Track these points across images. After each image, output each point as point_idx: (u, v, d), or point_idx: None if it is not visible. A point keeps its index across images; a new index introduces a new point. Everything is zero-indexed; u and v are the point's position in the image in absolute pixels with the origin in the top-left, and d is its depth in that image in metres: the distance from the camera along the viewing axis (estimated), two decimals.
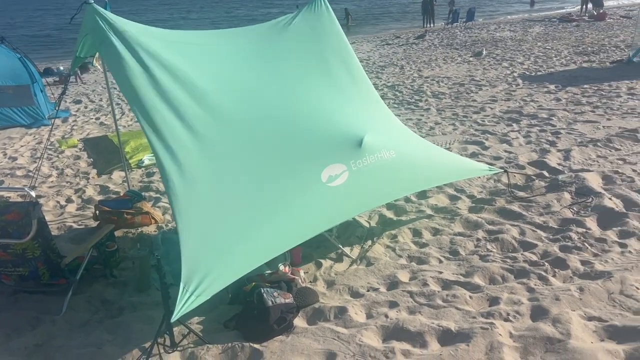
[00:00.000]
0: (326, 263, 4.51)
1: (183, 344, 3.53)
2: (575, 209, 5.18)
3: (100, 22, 4.12)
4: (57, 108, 5.99)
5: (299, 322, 3.72)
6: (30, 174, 7.58)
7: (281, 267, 4.03)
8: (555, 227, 4.85)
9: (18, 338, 3.77)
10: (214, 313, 3.90)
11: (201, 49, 4.60)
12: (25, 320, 3.99)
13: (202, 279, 3.35)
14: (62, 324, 3.94)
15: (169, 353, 3.41)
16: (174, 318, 3.13)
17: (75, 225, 5.67)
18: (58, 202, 6.43)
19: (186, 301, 3.23)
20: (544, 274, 4.05)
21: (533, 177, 6.04)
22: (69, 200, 6.47)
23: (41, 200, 6.44)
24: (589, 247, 4.41)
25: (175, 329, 3.64)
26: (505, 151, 7.17)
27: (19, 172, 7.61)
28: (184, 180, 3.71)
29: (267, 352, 3.38)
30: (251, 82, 4.50)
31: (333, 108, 4.59)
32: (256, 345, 3.44)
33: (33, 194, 3.79)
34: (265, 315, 3.53)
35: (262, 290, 3.66)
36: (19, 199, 6.26)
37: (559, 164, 6.46)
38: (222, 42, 4.79)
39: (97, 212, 5.41)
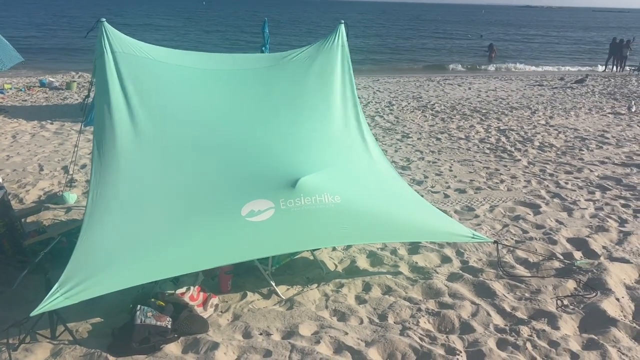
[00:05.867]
0: (252, 297, 4.44)
1: (62, 337, 3.80)
2: (564, 302, 4.37)
3: (104, 39, 4.62)
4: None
5: (174, 347, 3.75)
6: None
7: (180, 290, 4.08)
8: (520, 316, 4.16)
9: None
10: (115, 318, 4.10)
11: (190, 71, 4.88)
12: None
13: (78, 283, 3.57)
14: (6, 296, 4.48)
15: (26, 343, 3.68)
16: (33, 313, 3.40)
17: None
18: None
19: (52, 300, 3.48)
20: None
21: (562, 256, 5.21)
22: None
23: None
24: (529, 349, 3.70)
25: (72, 324, 3.93)
26: (556, 221, 6.26)
27: None
28: (105, 187, 4.00)
29: None
30: (217, 109, 4.65)
31: (283, 145, 4.52)
32: (111, 357, 3.56)
33: (0, 179, 4.39)
34: (129, 331, 3.64)
35: (138, 307, 3.77)
36: None
37: (603, 247, 5.48)
38: (214, 65, 5.01)
39: None
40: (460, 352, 3.68)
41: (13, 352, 3.61)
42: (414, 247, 5.44)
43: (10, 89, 15.36)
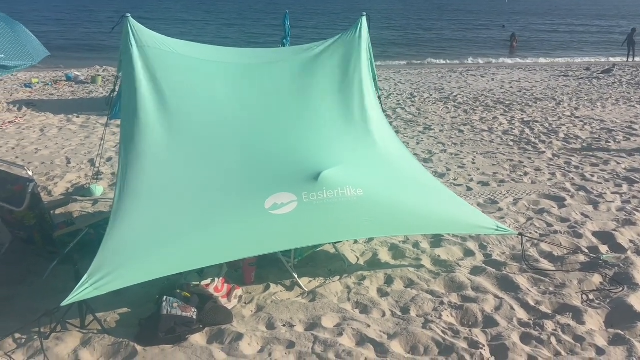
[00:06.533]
0: (275, 288, 4.49)
1: (92, 327, 3.89)
2: (590, 296, 4.32)
3: (129, 34, 4.70)
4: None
5: (199, 337, 3.82)
6: None
7: (205, 282, 4.14)
8: (544, 311, 4.13)
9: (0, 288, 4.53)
10: (142, 309, 4.18)
11: (214, 65, 4.93)
12: (19, 275, 4.74)
13: (107, 274, 3.66)
14: (37, 287, 4.60)
15: (57, 332, 3.79)
16: (64, 303, 3.50)
17: None
18: None
19: (82, 291, 3.57)
20: (468, 357, 3.52)
21: (584, 250, 5.15)
22: None
23: None
24: (554, 343, 3.68)
25: (100, 314, 4.03)
26: (582, 214, 6.18)
27: None
28: (132, 180, 4.09)
29: (140, 356, 3.57)
30: (241, 103, 4.69)
31: (305, 139, 4.56)
32: (139, 347, 3.64)
33: (30, 172, 4.50)
34: (155, 321, 3.71)
35: (165, 298, 3.85)
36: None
37: (630, 241, 5.40)
38: (237, 59, 5.06)
39: None
40: (484, 346, 3.67)
41: (45, 340, 3.71)
42: (437, 241, 5.43)
43: (38, 83, 15.66)
